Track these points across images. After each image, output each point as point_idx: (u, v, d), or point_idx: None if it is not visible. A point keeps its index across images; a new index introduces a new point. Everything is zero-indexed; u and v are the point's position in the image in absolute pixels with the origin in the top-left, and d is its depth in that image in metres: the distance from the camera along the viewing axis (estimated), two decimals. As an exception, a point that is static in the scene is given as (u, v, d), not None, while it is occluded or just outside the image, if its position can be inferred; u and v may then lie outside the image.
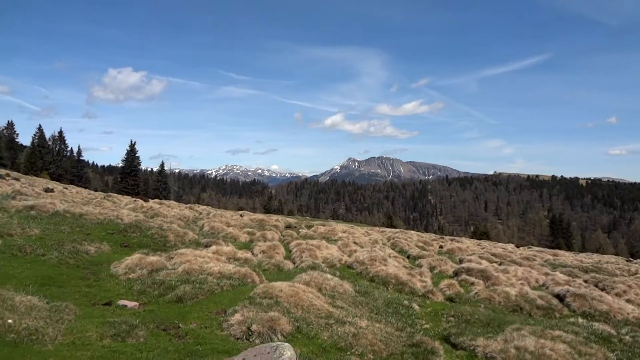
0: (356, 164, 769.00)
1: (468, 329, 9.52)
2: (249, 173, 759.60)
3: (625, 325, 12.10)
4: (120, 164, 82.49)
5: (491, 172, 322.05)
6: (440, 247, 28.03)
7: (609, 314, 13.18)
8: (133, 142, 78.50)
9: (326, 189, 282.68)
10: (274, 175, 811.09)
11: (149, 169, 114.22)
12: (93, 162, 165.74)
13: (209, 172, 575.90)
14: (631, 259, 45.20)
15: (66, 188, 43.92)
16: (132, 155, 77.94)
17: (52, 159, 79.95)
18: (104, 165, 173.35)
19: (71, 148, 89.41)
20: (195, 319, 8.19)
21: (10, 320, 6.22)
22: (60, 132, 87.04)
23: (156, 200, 39.31)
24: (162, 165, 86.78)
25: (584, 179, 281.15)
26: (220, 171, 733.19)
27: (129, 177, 76.12)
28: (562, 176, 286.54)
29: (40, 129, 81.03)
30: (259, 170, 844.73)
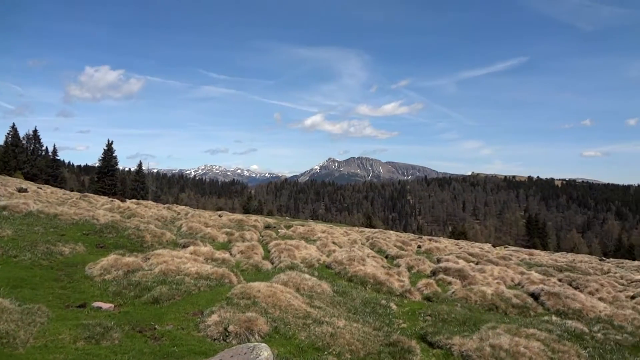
0: (336, 164, 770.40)
1: (445, 328, 9.62)
2: (228, 173, 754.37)
3: (597, 322, 12.37)
4: (97, 164, 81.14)
5: (469, 173, 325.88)
6: (419, 246, 28.27)
7: (582, 312, 13.46)
8: (110, 142, 77.44)
9: (306, 189, 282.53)
10: (254, 175, 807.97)
11: (127, 169, 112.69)
12: (69, 162, 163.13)
13: (187, 172, 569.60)
14: (604, 258, 46.25)
15: (40, 188, 43.03)
16: (109, 154, 76.80)
17: (26, 158, 78.22)
18: (80, 165, 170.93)
19: (46, 147, 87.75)
20: (171, 320, 8.11)
21: (-21, 323, 6.09)
22: (35, 131, 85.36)
23: (133, 200, 38.79)
24: (139, 165, 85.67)
25: (560, 179, 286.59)
26: (199, 171, 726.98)
27: (106, 177, 74.99)
28: (538, 177, 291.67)
29: (14, 127, 79.18)
30: (239, 171, 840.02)
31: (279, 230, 26.44)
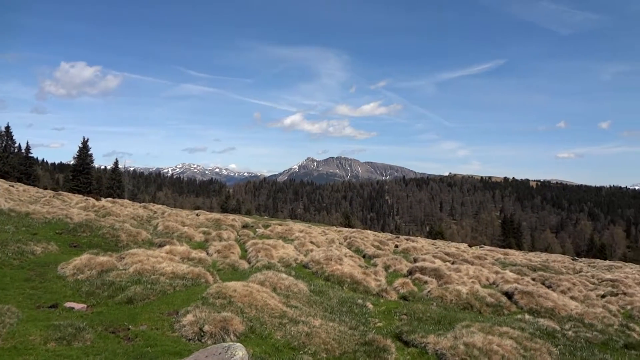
0: (315, 163, 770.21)
1: (420, 327, 9.71)
2: (207, 172, 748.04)
3: (569, 320, 12.66)
4: (72, 162, 79.49)
5: (446, 173, 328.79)
6: (396, 246, 28.47)
7: (554, 310, 13.75)
8: (86, 139, 75.94)
9: (285, 188, 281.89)
10: (232, 174, 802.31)
11: (103, 167, 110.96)
12: (43, 159, 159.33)
13: (165, 170, 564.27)
14: (576, 258, 47.23)
15: (12, 186, 42.03)
16: (84, 152, 75.33)
17: (-2, 156, 76.38)
18: (54, 163, 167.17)
19: (19, 144, 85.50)
20: (146, 320, 8.02)
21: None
22: (7, 127, 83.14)
23: (109, 199, 38.22)
24: (116, 163, 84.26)
25: (534, 180, 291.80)
26: (177, 170, 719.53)
27: (81, 175, 73.55)
28: (513, 178, 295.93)
29: (-15, 124, 77.23)
30: (217, 169, 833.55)
31: (257, 230, 26.35)
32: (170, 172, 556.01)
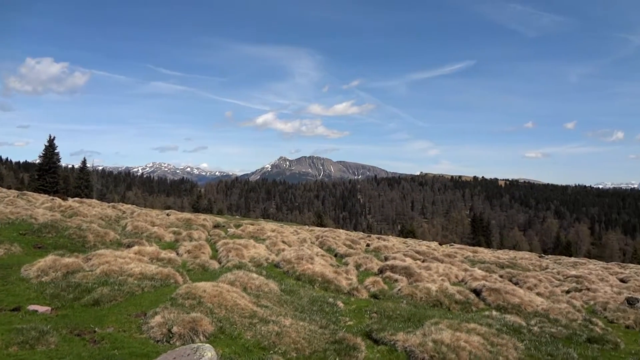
0: (287, 163, 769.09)
1: (390, 325, 9.80)
2: (178, 171, 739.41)
3: (535, 316, 12.96)
4: (38, 160, 77.45)
5: (418, 173, 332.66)
6: (367, 245, 28.67)
7: (521, 306, 14.05)
8: (52, 137, 73.98)
9: (257, 188, 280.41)
10: (204, 173, 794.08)
11: (70, 166, 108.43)
12: (7, 158, 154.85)
13: (135, 169, 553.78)
14: (543, 255, 48.50)
15: (-26, 185, 40.81)
16: (51, 151, 73.42)
17: (-41, 154, 73.93)
18: (19, 162, 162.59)
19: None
20: (112, 322, 7.89)
21: None
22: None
23: (76, 199, 37.39)
24: (84, 162, 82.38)
25: (503, 180, 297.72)
26: (147, 169, 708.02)
27: (47, 175, 71.66)
28: (483, 177, 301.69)
29: (-56, 121, 74.69)
30: (188, 169, 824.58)
31: (228, 230, 26.18)
32: (141, 171, 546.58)
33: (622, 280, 24.96)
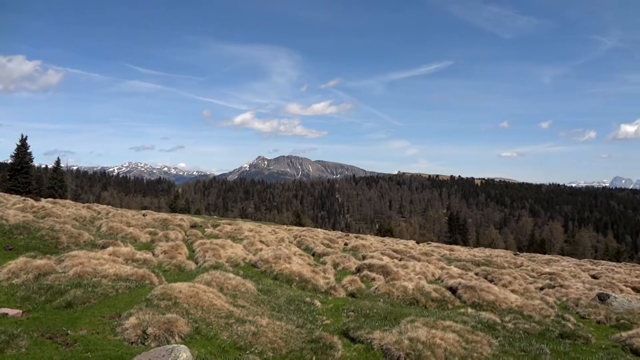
0: (265, 162, 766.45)
1: (366, 323, 9.85)
2: (155, 171, 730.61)
3: (509, 313, 13.18)
4: (10, 160, 75.63)
5: (395, 172, 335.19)
6: (345, 244, 28.77)
7: (495, 303, 14.28)
8: (24, 137, 72.31)
9: (235, 187, 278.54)
10: (181, 173, 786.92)
11: (44, 166, 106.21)
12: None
13: (110, 169, 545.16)
14: (518, 253, 49.31)
15: (-58, 186, 39.68)
16: (23, 150, 71.75)
17: None
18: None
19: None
20: (86, 324, 7.76)
21: None
22: (-64, 124, 78.52)
23: (50, 199, 36.68)
24: (57, 162, 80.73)
25: (479, 179, 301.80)
26: (123, 168, 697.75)
27: (19, 175, 70.05)
28: (459, 176, 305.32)
29: None
30: (165, 168, 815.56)
31: (206, 230, 26.00)
32: (116, 171, 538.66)
33: (593, 277, 25.55)
